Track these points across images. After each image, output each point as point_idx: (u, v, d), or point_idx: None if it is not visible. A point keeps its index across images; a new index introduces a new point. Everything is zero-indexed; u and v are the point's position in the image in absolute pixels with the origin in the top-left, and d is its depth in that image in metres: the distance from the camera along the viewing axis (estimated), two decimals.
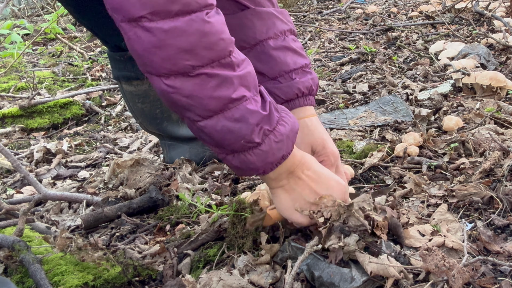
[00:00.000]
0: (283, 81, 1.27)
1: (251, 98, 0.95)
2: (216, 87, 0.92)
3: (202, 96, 0.92)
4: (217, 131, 0.95)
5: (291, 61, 1.27)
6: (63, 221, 1.60)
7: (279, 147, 0.98)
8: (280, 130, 0.98)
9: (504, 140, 1.64)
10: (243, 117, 0.94)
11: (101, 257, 1.24)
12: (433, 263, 0.97)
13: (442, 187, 1.45)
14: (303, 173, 1.06)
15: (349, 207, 1.08)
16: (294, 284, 1.02)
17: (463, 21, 3.73)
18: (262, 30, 1.26)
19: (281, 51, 1.27)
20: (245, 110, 0.94)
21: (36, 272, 1.16)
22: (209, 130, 0.96)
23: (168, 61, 0.89)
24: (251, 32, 1.27)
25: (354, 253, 1.02)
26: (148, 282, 1.20)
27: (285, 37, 1.29)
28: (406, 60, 3.10)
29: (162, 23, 0.87)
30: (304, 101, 1.28)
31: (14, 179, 2.10)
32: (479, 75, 2.20)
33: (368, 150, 1.74)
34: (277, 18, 1.29)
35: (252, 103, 0.95)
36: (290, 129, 1.00)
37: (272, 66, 1.27)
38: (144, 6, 0.85)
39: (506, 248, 1.11)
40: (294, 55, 1.29)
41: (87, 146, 2.56)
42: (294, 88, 1.26)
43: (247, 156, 0.97)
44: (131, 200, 1.57)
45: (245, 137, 0.95)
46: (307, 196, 1.07)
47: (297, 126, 1.02)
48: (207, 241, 1.29)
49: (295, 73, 1.27)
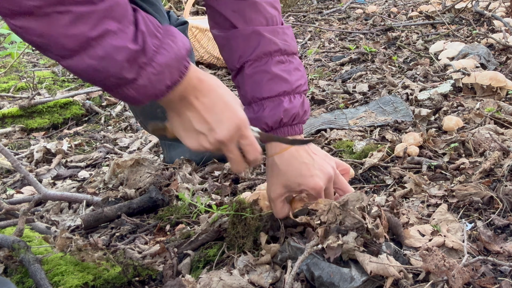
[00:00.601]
0: (256, 109, 1.21)
1: (119, 31, 0.87)
2: (70, 24, 0.85)
3: (56, 35, 0.86)
4: (83, 71, 0.90)
5: (266, 87, 1.19)
6: (63, 221, 1.60)
7: (159, 78, 0.91)
8: (159, 60, 0.90)
9: (504, 140, 1.65)
10: (108, 55, 0.87)
11: (101, 257, 1.24)
12: (433, 263, 0.97)
13: (442, 187, 1.45)
14: (198, 99, 0.99)
15: (344, 206, 1.08)
16: (294, 284, 1.02)
17: (463, 21, 3.73)
18: (245, 51, 1.21)
19: (259, 75, 1.20)
20: (109, 47, 0.87)
21: (36, 272, 1.16)
22: (74, 69, 0.90)
23: (8, 2, 0.84)
24: (236, 54, 1.23)
25: (354, 252, 1.02)
26: (148, 282, 1.20)
27: (269, 59, 1.20)
28: (406, 60, 3.10)
29: None
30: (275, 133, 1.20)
31: (14, 179, 2.10)
32: (479, 75, 2.21)
33: (368, 150, 1.74)
34: (264, 38, 1.20)
35: (119, 37, 0.87)
36: (174, 57, 0.91)
37: (247, 90, 1.22)
38: None
39: (506, 248, 1.11)
40: (273, 81, 1.19)
41: (87, 146, 2.56)
42: (261, 122, 1.19)
43: (125, 91, 0.92)
44: (131, 200, 1.57)
45: (115, 74, 0.89)
46: (196, 124, 1.00)
47: (184, 50, 0.93)
48: (207, 241, 1.29)
49: (269, 101, 1.19)
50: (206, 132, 1.00)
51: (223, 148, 1.01)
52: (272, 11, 1.23)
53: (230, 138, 1.00)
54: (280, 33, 1.22)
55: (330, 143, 1.93)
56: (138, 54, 0.89)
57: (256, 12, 1.21)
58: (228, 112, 1.00)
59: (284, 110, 1.18)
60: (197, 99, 0.99)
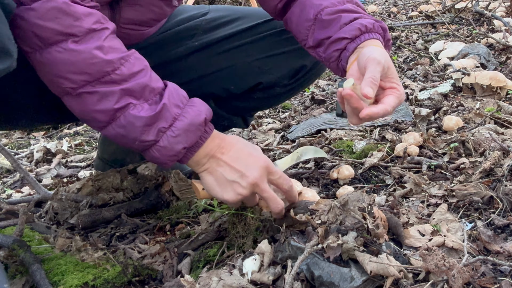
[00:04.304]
0: (342, 29, 1.30)
1: (139, 104, 1.07)
2: (98, 101, 1.07)
3: (89, 111, 1.08)
4: (115, 137, 1.11)
5: (350, 17, 1.30)
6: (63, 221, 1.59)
7: (177, 140, 1.09)
8: (177, 125, 1.09)
9: (504, 140, 1.64)
10: (129, 122, 1.07)
11: (101, 257, 1.24)
12: (433, 263, 0.97)
13: (442, 187, 1.45)
14: (224, 154, 1.14)
15: (344, 206, 1.08)
16: (294, 284, 1.02)
17: (463, 21, 3.73)
18: (318, 2, 1.36)
19: (340, 13, 1.32)
20: (130, 116, 1.07)
21: (36, 272, 1.16)
22: (109, 137, 1.12)
23: (52, 84, 1.09)
24: (310, 8, 1.37)
25: (354, 252, 1.02)
26: (148, 282, 1.20)
27: (344, 4, 1.34)
28: (406, 60, 3.10)
29: (38, 55, 1.06)
30: (367, 36, 1.27)
31: (14, 179, 2.10)
32: (479, 75, 2.21)
33: (368, 150, 1.74)
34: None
35: (138, 108, 1.07)
36: (189, 123, 1.09)
37: (331, 28, 1.32)
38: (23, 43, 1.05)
39: (506, 248, 1.11)
40: (354, 14, 1.31)
41: (87, 146, 2.56)
42: (354, 29, 1.27)
43: (151, 152, 1.11)
44: (130, 202, 1.57)
45: (137, 138, 1.08)
46: (228, 175, 1.13)
47: (201, 117, 1.11)
48: (207, 241, 1.29)
49: (355, 24, 1.28)
50: (238, 180, 1.12)
51: (257, 190, 1.13)
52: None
53: (260, 177, 1.12)
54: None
55: (330, 143, 1.93)
56: (158, 120, 1.08)
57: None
58: (252, 157, 1.14)
59: (372, 23, 1.29)
60: (223, 155, 1.14)
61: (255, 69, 1.61)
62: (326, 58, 1.35)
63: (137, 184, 1.62)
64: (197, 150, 1.12)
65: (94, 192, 1.60)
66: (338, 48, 1.30)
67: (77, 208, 1.52)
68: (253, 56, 1.60)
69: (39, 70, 1.10)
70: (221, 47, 1.61)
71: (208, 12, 1.68)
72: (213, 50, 1.61)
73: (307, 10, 1.37)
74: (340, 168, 1.58)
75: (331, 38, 1.31)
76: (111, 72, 1.06)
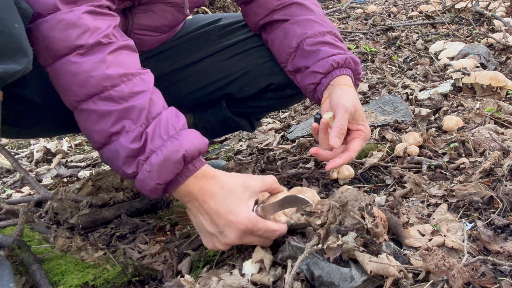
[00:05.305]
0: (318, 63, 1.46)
1: (130, 131, 1.03)
2: (96, 121, 1.05)
3: (89, 130, 1.07)
4: (107, 161, 1.09)
5: (327, 51, 1.45)
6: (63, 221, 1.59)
7: (151, 176, 1.03)
8: (151, 160, 1.02)
9: (504, 140, 1.64)
10: (116, 151, 1.04)
11: (101, 257, 1.24)
12: (433, 263, 0.97)
13: (442, 187, 1.45)
14: (205, 203, 1.07)
15: (344, 207, 1.08)
16: (294, 284, 1.02)
17: (463, 21, 3.73)
18: (301, 32, 1.49)
19: (319, 46, 1.47)
20: (118, 144, 1.04)
21: (36, 272, 1.16)
22: (104, 160, 1.11)
23: (63, 97, 1.09)
24: (292, 37, 1.50)
25: (354, 252, 1.01)
26: (148, 282, 1.20)
27: (324, 36, 1.48)
28: (406, 60, 3.10)
29: (50, 68, 1.07)
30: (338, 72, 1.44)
31: (14, 179, 2.10)
32: (479, 75, 2.20)
33: (368, 150, 1.74)
34: (316, 22, 1.50)
35: (128, 136, 1.03)
36: (164, 159, 1.02)
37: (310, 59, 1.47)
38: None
39: (506, 248, 1.11)
40: (332, 48, 1.46)
41: (87, 146, 2.56)
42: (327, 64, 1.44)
43: (135, 182, 1.06)
44: (130, 202, 1.57)
45: (120, 168, 1.05)
46: (208, 226, 1.08)
47: (179, 154, 1.02)
48: None
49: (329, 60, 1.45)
50: (217, 235, 1.07)
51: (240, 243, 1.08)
52: None
53: (239, 239, 1.06)
54: (327, 21, 1.54)
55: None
56: (138, 152, 1.03)
57: None
58: (232, 216, 1.05)
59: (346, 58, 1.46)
60: (204, 203, 1.07)
61: (266, 70, 1.65)
62: (303, 87, 1.52)
63: None
64: (176, 187, 1.06)
65: (94, 192, 1.60)
66: (314, 82, 1.47)
67: (77, 208, 1.52)
68: (264, 58, 1.65)
69: (52, 83, 1.10)
70: (234, 51, 1.68)
71: (221, 19, 1.74)
72: (226, 54, 1.67)
73: (289, 38, 1.51)
74: (340, 168, 1.58)
75: (308, 69, 1.47)
76: (109, 87, 1.04)
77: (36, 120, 1.44)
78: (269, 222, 1.08)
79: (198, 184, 1.06)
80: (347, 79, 1.45)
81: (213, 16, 1.79)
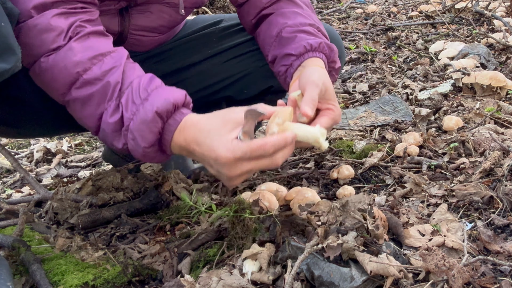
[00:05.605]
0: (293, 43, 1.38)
1: (109, 107, 1.06)
2: (81, 107, 1.09)
3: (81, 118, 1.11)
4: (104, 142, 1.15)
5: (304, 38, 1.38)
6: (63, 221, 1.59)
7: (136, 143, 1.05)
8: (131, 127, 1.05)
9: (504, 140, 1.64)
10: (103, 130, 1.08)
11: (101, 257, 1.24)
12: (433, 263, 0.97)
13: (442, 187, 1.45)
14: (194, 151, 1.04)
15: (344, 207, 1.08)
16: (294, 284, 1.02)
17: (463, 21, 3.73)
18: (283, 22, 1.44)
19: (297, 33, 1.40)
20: (103, 123, 1.07)
21: (36, 272, 1.16)
22: (104, 142, 1.16)
23: (50, 94, 1.14)
24: (274, 27, 1.46)
25: (354, 252, 1.02)
26: (148, 282, 1.20)
27: (305, 26, 1.41)
28: (406, 60, 3.10)
29: (31, 72, 1.12)
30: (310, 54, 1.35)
31: (14, 179, 2.10)
32: (479, 75, 2.20)
33: (368, 150, 1.74)
34: (300, 15, 1.46)
35: (107, 112, 1.06)
36: (140, 122, 1.03)
37: (286, 46, 1.40)
38: None
39: (506, 248, 1.11)
40: (309, 36, 1.39)
41: (87, 145, 2.56)
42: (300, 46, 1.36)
43: (132, 154, 1.08)
44: (130, 202, 1.57)
45: (113, 144, 1.09)
46: (210, 170, 1.06)
47: (150, 114, 1.02)
48: (207, 240, 1.29)
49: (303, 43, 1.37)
50: (218, 175, 1.05)
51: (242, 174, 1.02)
52: None
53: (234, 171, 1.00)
54: (314, 16, 1.49)
55: (330, 143, 1.93)
56: (119, 124, 1.05)
57: None
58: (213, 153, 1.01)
59: (320, 42, 1.37)
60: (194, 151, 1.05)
61: (266, 73, 1.64)
62: (276, 72, 1.45)
63: (137, 183, 1.62)
64: (168, 146, 1.06)
65: (94, 192, 1.60)
66: (285, 64, 1.39)
67: (77, 208, 1.52)
68: (264, 61, 1.63)
69: (38, 85, 1.14)
70: (234, 53, 1.68)
71: (222, 21, 1.74)
72: (226, 56, 1.68)
73: (272, 28, 1.47)
74: (340, 168, 1.58)
75: (282, 53, 1.41)
76: (82, 72, 1.07)
77: (35, 121, 1.44)
78: (254, 141, 0.99)
79: (182, 136, 1.05)
80: (319, 61, 1.36)
81: (214, 17, 1.79)
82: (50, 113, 1.40)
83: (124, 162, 1.84)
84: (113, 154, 1.89)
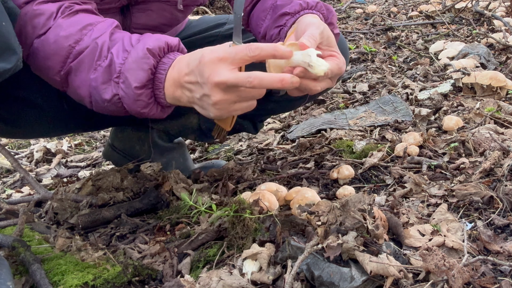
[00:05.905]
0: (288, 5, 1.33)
1: (99, 66, 1.06)
2: (75, 76, 1.09)
3: (74, 91, 1.12)
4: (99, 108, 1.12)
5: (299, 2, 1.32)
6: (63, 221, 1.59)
7: (127, 85, 1.04)
8: (122, 71, 1.04)
9: (504, 140, 1.64)
10: (94, 87, 1.07)
11: (101, 257, 1.24)
12: (433, 263, 0.97)
13: (442, 187, 1.45)
14: (185, 72, 1.03)
15: (344, 207, 1.08)
16: (294, 284, 1.02)
17: (463, 20, 3.73)
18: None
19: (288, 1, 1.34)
20: (93, 80, 1.07)
21: (36, 272, 1.16)
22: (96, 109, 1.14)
23: (47, 80, 1.14)
24: (269, 1, 1.42)
25: (354, 252, 1.02)
26: (148, 282, 1.20)
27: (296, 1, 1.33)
28: (406, 59, 3.10)
29: (29, 60, 1.12)
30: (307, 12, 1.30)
31: (14, 179, 2.10)
32: (479, 75, 2.21)
33: (368, 150, 1.74)
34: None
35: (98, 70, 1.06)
36: (132, 61, 1.03)
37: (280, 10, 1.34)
38: None
39: (506, 248, 1.11)
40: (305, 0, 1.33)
41: (87, 145, 2.56)
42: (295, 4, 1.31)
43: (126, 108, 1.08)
44: (130, 202, 1.57)
45: (103, 100, 1.08)
46: (195, 93, 1.04)
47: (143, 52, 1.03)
48: (207, 240, 1.29)
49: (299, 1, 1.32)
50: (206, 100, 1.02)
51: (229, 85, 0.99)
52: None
53: (215, 73, 0.98)
54: None
55: (330, 143, 1.93)
56: (108, 74, 1.05)
57: None
58: (199, 55, 1.02)
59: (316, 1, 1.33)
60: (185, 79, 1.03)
61: None
62: (268, 39, 1.38)
63: (137, 183, 1.62)
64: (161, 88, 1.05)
65: (94, 192, 1.60)
66: (279, 25, 1.33)
67: (77, 208, 1.52)
68: None
69: (35, 72, 1.14)
70: None
71: (226, 23, 1.74)
72: None
73: (266, 1, 1.43)
74: (340, 168, 1.58)
75: (274, 18, 1.34)
76: (74, 45, 1.07)
77: (36, 121, 1.44)
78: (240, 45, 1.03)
79: (176, 69, 1.05)
80: (316, 17, 1.28)
81: (218, 19, 1.78)
82: (51, 113, 1.40)
83: (124, 160, 1.84)
84: (113, 152, 1.89)
